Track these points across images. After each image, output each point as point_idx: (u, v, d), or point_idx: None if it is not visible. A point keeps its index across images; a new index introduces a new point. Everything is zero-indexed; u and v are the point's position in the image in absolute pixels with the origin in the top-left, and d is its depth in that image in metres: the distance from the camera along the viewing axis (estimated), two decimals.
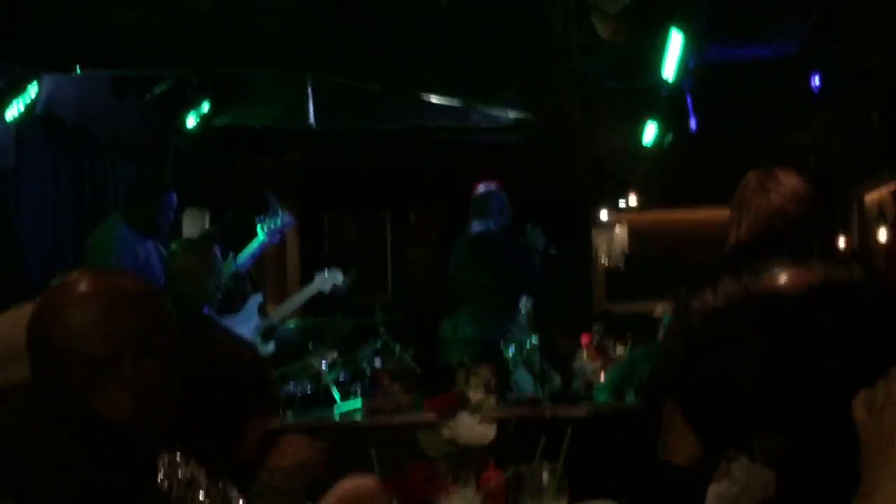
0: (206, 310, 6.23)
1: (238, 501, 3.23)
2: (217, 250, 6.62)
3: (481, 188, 8.13)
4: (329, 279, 7.97)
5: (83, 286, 2.36)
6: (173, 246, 6.55)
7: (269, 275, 8.40)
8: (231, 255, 7.21)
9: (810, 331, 1.99)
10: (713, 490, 2.26)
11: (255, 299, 7.57)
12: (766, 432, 2.02)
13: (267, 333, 7.52)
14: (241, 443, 3.18)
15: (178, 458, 3.01)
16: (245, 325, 7.36)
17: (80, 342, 2.29)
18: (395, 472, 2.72)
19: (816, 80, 7.81)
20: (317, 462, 3.05)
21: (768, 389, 1.98)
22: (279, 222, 7.46)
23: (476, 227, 7.98)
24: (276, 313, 7.72)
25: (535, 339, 7.26)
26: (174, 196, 7.22)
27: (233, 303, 7.37)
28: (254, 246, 7.29)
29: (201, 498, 2.99)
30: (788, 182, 4.01)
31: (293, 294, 8.79)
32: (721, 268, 3.72)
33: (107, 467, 2.23)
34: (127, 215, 7.08)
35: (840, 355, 1.97)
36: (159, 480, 2.88)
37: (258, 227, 7.37)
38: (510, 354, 7.23)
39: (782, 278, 3.17)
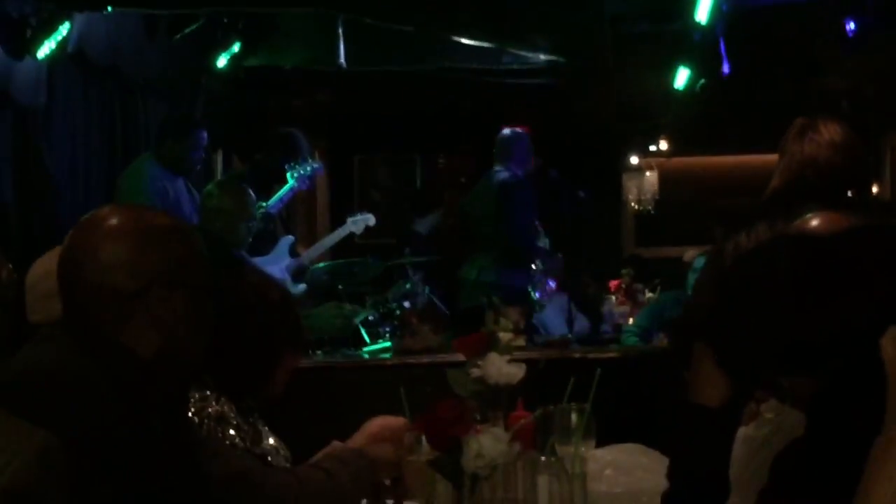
0: (235, 252, 6.30)
1: (268, 437, 3.26)
2: (252, 193, 6.65)
3: (506, 131, 8.05)
4: (361, 221, 7.98)
5: (113, 220, 2.37)
6: (210, 185, 6.59)
7: (298, 216, 8.42)
8: (261, 197, 7.22)
9: (843, 271, 1.98)
10: (743, 432, 2.27)
11: (287, 241, 7.60)
12: (796, 374, 2.02)
13: (298, 274, 7.56)
14: (269, 381, 3.20)
15: (209, 394, 3.04)
16: (276, 265, 7.39)
17: (109, 276, 2.30)
18: (424, 409, 2.73)
19: (851, 25, 7.75)
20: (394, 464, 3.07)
21: (800, 330, 1.97)
22: (309, 169, 7.46)
23: (500, 171, 7.91)
24: (306, 254, 7.75)
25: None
26: (204, 134, 7.22)
27: (264, 244, 7.40)
28: (284, 191, 7.31)
29: (231, 433, 3.02)
30: (827, 131, 4.01)
31: (324, 235, 8.83)
32: (756, 212, 3.73)
33: (137, 401, 2.24)
34: (157, 153, 7.10)
35: (874, 297, 1.96)
36: (190, 415, 2.91)
37: (288, 173, 7.37)
38: (535, 297, 7.23)
39: (815, 221, 3.16)
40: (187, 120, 7.60)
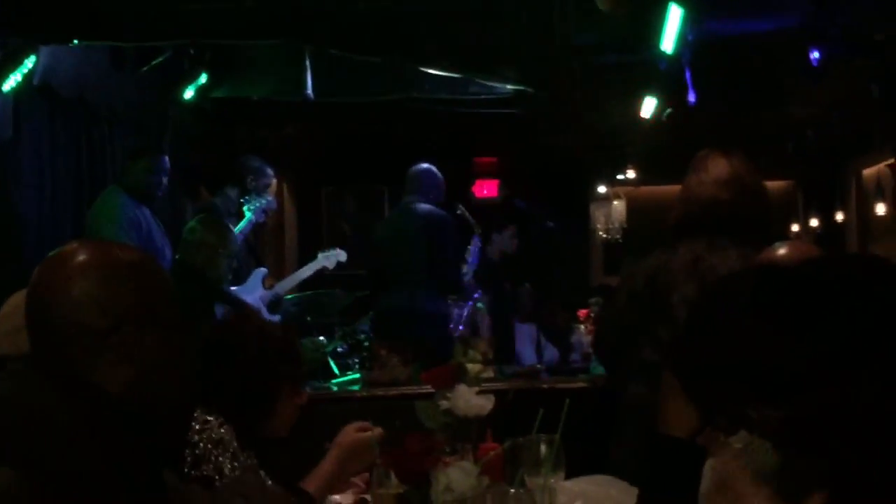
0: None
1: (259, 474, 3.26)
2: (232, 229, 6.67)
3: (419, 166, 8.11)
4: (333, 256, 8.01)
5: (80, 256, 2.34)
6: (193, 221, 6.60)
7: (267, 247, 8.40)
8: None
9: (810, 301, 1.99)
10: (710, 464, 2.26)
11: (260, 272, 7.62)
12: (763, 405, 2.02)
13: (274, 305, 7.57)
14: (271, 414, 3.21)
15: (213, 419, 3.04)
16: (249, 295, 7.42)
17: (78, 313, 2.27)
18: (391, 442, 2.73)
19: (815, 53, 7.79)
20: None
21: (766, 361, 1.98)
22: (263, 202, 7.48)
23: (417, 201, 7.92)
24: (279, 285, 7.76)
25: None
26: (165, 158, 7.26)
27: (234, 273, 7.41)
28: (242, 224, 7.32)
29: (224, 459, 3.02)
30: (714, 167, 4.16)
31: (293, 267, 8.82)
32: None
33: (104, 438, 2.22)
34: (122, 181, 7.12)
35: (841, 328, 1.96)
36: (190, 435, 2.92)
37: (244, 207, 7.39)
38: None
39: (782, 250, 3.22)
40: (148, 147, 7.64)
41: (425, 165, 8.02)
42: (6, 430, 2.15)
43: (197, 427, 3.03)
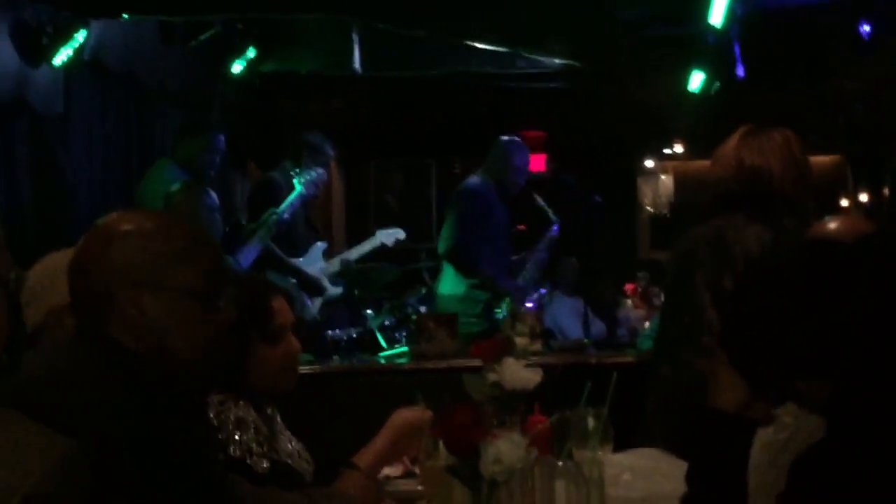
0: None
1: (289, 442, 3.28)
2: (210, 195, 6.69)
3: (500, 138, 8.00)
4: (392, 235, 8.02)
5: (109, 224, 2.44)
6: (173, 186, 6.63)
7: (315, 221, 8.43)
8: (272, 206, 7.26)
9: (857, 274, 2.00)
10: (761, 436, 2.28)
11: (320, 245, 7.66)
12: (811, 377, 2.03)
13: (336, 278, 7.63)
14: (244, 369, 3.19)
15: (227, 397, 3.06)
16: (310, 268, 7.47)
17: (100, 277, 2.35)
18: (440, 414, 2.74)
19: (865, 27, 7.73)
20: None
21: (813, 333, 1.98)
22: (313, 174, 7.49)
23: (470, 178, 7.87)
24: (340, 258, 7.78)
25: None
26: (222, 138, 7.27)
27: (293, 246, 7.44)
28: (292, 196, 7.33)
29: (250, 435, 3.03)
30: (726, 146, 4.19)
31: (341, 240, 8.84)
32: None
33: (151, 404, 2.26)
34: (175, 155, 7.15)
35: (887, 300, 1.97)
36: (211, 417, 2.94)
37: (294, 179, 7.40)
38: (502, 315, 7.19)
39: (832, 224, 3.22)
40: (206, 123, 7.67)
41: (502, 138, 7.95)
42: (60, 400, 2.19)
43: (214, 409, 3.02)
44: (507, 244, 7.83)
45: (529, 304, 7.31)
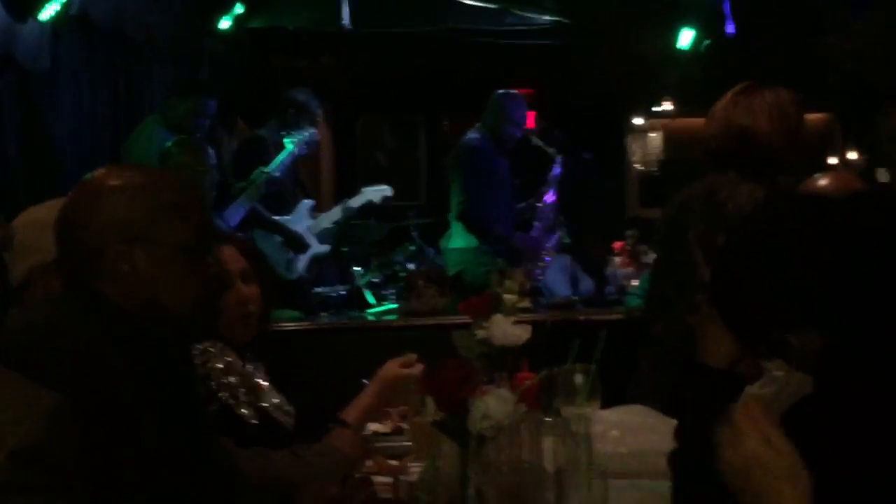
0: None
1: (271, 393, 3.29)
2: (209, 148, 6.68)
3: (497, 92, 7.92)
4: (379, 192, 7.98)
5: (97, 179, 2.43)
6: (168, 144, 6.60)
7: (303, 177, 8.41)
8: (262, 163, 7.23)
9: (850, 228, 2.00)
10: (749, 391, 2.28)
11: (307, 203, 7.62)
12: (805, 329, 2.03)
13: (324, 236, 7.61)
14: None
15: (211, 347, 3.06)
16: (297, 225, 7.45)
17: (88, 232, 2.35)
18: (429, 369, 2.74)
19: None
20: (359, 459, 3.13)
21: (810, 282, 1.99)
22: (306, 134, 7.46)
23: (469, 133, 7.80)
24: (326, 216, 7.75)
25: None
26: (214, 104, 7.23)
27: (280, 205, 7.41)
28: (283, 155, 7.30)
29: (234, 380, 3.05)
30: (718, 105, 4.19)
31: (328, 196, 8.81)
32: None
33: (138, 356, 2.27)
34: (164, 113, 7.13)
35: (881, 254, 1.98)
36: (197, 369, 2.94)
37: (286, 139, 7.37)
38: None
39: (822, 181, 3.23)
40: (199, 85, 7.63)
41: (498, 92, 7.88)
42: (47, 354, 2.19)
43: (200, 359, 3.03)
44: (512, 196, 7.80)
45: (547, 258, 7.33)
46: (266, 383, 3.33)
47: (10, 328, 2.27)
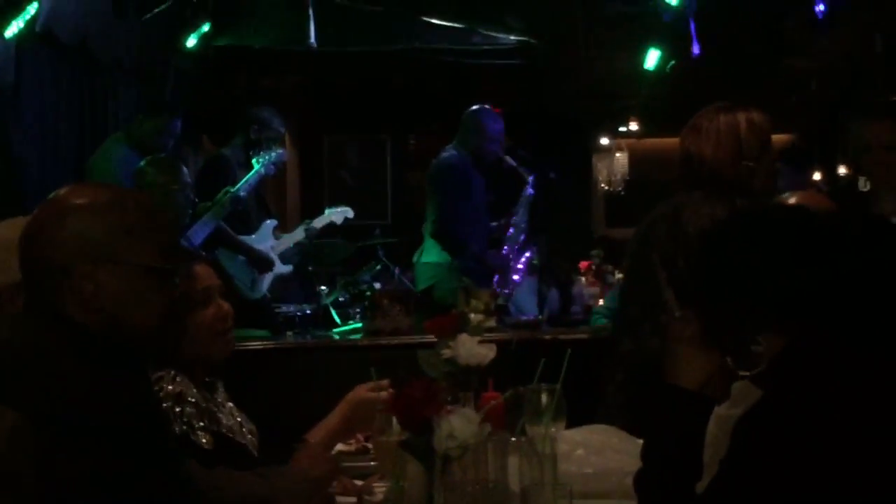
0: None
1: (231, 414, 3.26)
2: (183, 167, 6.64)
3: (472, 108, 7.87)
4: (341, 213, 7.95)
5: (59, 196, 2.41)
6: (142, 163, 6.56)
7: (268, 196, 8.38)
8: (229, 184, 7.20)
9: (821, 234, 2.07)
10: (715, 411, 2.30)
11: (270, 223, 7.59)
12: (772, 332, 2.06)
13: (286, 256, 7.58)
14: (183, 338, 3.17)
15: (164, 373, 3.04)
16: (261, 245, 7.41)
17: (53, 252, 2.33)
18: (394, 390, 2.73)
19: (820, 6, 7.76)
20: (326, 479, 3.10)
21: (779, 286, 2.03)
22: (273, 155, 7.43)
23: (445, 150, 7.75)
24: (288, 237, 7.71)
25: None
26: (178, 123, 7.19)
27: (244, 224, 7.38)
28: (250, 175, 7.27)
29: (189, 410, 3.02)
30: (700, 123, 4.21)
31: (295, 216, 8.79)
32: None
33: (99, 376, 2.25)
34: (129, 132, 7.09)
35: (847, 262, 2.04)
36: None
37: (253, 159, 7.34)
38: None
39: (792, 199, 3.26)
40: (166, 104, 7.59)
41: (473, 108, 7.81)
42: (7, 373, 2.17)
43: (153, 387, 3.00)
44: (487, 214, 7.76)
45: (516, 277, 7.32)
46: (229, 403, 3.31)
47: None
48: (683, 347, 2.24)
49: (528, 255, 7.74)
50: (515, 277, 7.50)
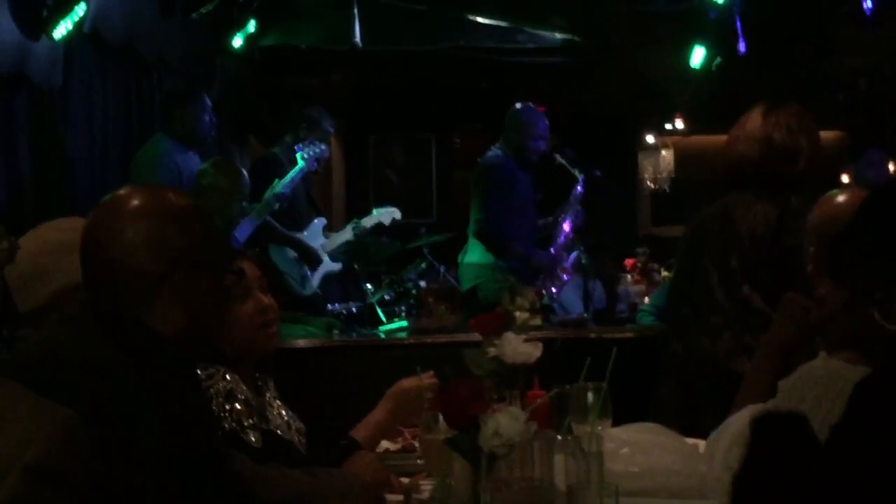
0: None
1: (280, 411, 3.28)
2: (245, 173, 6.68)
3: (515, 106, 7.83)
4: (388, 214, 7.97)
5: (135, 201, 2.38)
6: (205, 164, 6.60)
7: (314, 195, 8.42)
8: (276, 179, 7.23)
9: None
10: (780, 385, 2.39)
11: (320, 221, 7.63)
12: None
13: (336, 253, 7.61)
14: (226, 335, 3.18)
15: (216, 370, 3.06)
16: (312, 242, 7.46)
17: (132, 257, 2.32)
18: (440, 388, 2.74)
19: (868, 2, 7.71)
20: (378, 486, 3.11)
21: None
22: (317, 150, 7.46)
23: (491, 149, 7.72)
24: (336, 236, 7.74)
25: None
26: (206, 98, 7.22)
27: (294, 222, 7.43)
28: (294, 172, 7.29)
29: (239, 407, 3.04)
30: (748, 123, 4.18)
31: (340, 214, 8.81)
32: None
33: (158, 380, 2.26)
34: (166, 127, 7.14)
35: None
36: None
37: (297, 154, 7.37)
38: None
39: (840, 198, 3.30)
40: (187, 89, 7.64)
41: (517, 106, 7.78)
42: (64, 373, 2.19)
43: (204, 384, 3.01)
44: (534, 213, 7.73)
45: (564, 277, 7.30)
46: (276, 402, 3.32)
47: (25, 346, 2.27)
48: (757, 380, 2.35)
49: (575, 254, 7.71)
50: (564, 276, 7.47)
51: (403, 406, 3.50)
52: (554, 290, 7.38)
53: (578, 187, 7.73)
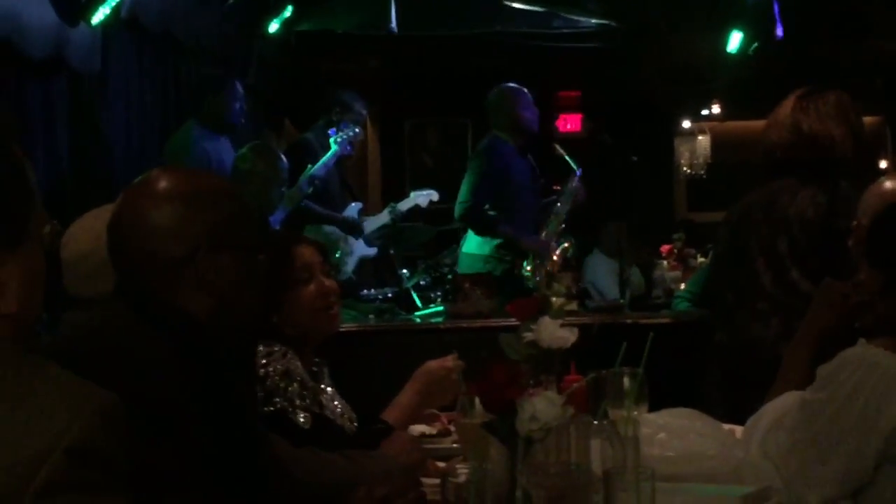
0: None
1: (334, 399, 3.30)
2: (284, 159, 6.71)
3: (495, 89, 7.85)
4: (425, 196, 7.98)
5: (160, 184, 2.38)
6: (243, 149, 6.63)
7: (350, 180, 8.44)
8: (309, 165, 7.25)
9: None
10: (802, 397, 2.37)
11: (356, 206, 7.66)
12: None
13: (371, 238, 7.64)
14: (287, 316, 3.22)
15: (277, 349, 3.09)
16: None
17: (154, 241, 2.32)
18: (477, 372, 2.75)
19: None
20: (415, 468, 3.13)
21: None
22: (351, 133, 7.48)
23: (484, 139, 7.73)
24: (373, 219, 7.77)
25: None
26: (238, 86, 7.24)
27: (330, 207, 7.46)
28: (328, 156, 7.31)
29: (294, 387, 3.07)
30: (781, 110, 4.15)
31: (376, 199, 8.83)
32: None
33: (196, 363, 2.27)
34: (198, 113, 7.17)
35: None
36: (256, 369, 2.96)
37: (331, 139, 7.40)
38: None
39: (888, 184, 3.33)
40: (218, 75, 7.67)
41: (494, 89, 7.79)
42: (103, 356, 2.21)
43: (262, 361, 3.05)
44: (533, 197, 7.70)
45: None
46: (330, 389, 3.35)
47: (67, 329, 2.29)
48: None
49: (565, 245, 7.67)
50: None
51: (430, 387, 3.53)
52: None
53: (575, 180, 7.68)
